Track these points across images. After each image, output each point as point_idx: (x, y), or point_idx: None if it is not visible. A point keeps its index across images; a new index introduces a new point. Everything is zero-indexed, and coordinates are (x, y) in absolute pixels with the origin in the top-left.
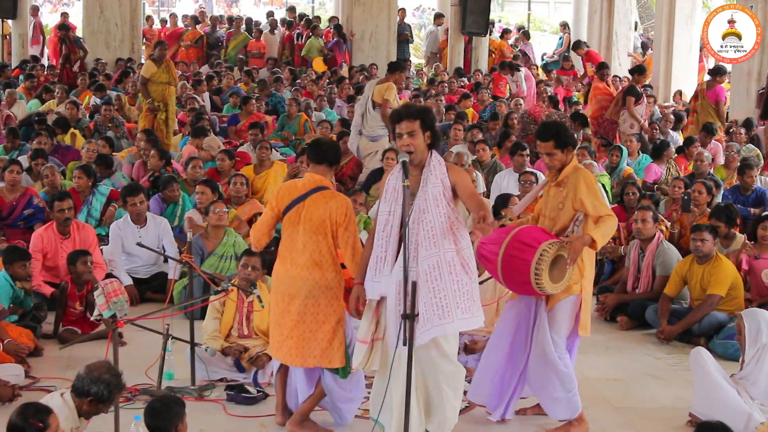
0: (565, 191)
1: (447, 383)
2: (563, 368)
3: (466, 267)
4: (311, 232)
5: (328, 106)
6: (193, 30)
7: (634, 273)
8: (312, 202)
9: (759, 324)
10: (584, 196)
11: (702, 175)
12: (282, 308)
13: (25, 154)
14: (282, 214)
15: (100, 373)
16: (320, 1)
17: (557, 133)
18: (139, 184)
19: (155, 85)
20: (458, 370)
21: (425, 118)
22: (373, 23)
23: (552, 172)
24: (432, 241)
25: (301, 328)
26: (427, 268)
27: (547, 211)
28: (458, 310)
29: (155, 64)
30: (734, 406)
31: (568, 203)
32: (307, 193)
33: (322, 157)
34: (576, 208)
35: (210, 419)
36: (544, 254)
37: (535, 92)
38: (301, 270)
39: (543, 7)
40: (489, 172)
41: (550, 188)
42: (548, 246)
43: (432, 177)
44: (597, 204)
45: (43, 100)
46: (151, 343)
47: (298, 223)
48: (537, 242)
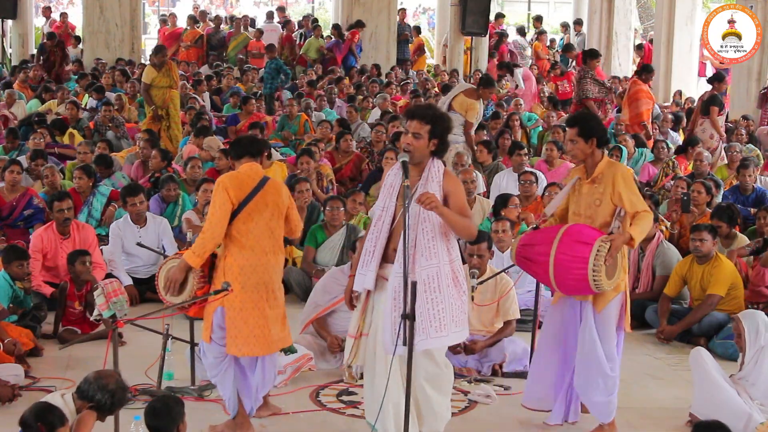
0: (602, 187)
1: (430, 384)
2: (610, 372)
3: (457, 280)
4: (277, 218)
5: (328, 105)
6: (193, 30)
7: (634, 273)
8: (271, 189)
9: (757, 326)
10: (622, 190)
11: (702, 175)
12: (258, 298)
13: (24, 154)
14: (240, 206)
15: (108, 382)
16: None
17: (584, 121)
18: (139, 184)
19: (157, 89)
20: (442, 371)
21: (437, 126)
22: (373, 23)
23: (579, 168)
24: (432, 251)
25: (278, 312)
26: (426, 278)
27: (582, 209)
28: (453, 323)
29: (155, 69)
30: (734, 407)
31: (606, 199)
32: (263, 181)
33: (244, 151)
34: (615, 203)
35: (210, 419)
36: (601, 250)
37: (535, 91)
38: (270, 256)
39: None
40: (490, 174)
41: (582, 185)
42: (602, 242)
43: (432, 183)
44: (634, 199)
45: (43, 100)
46: (151, 343)
47: (264, 210)
48: (591, 239)
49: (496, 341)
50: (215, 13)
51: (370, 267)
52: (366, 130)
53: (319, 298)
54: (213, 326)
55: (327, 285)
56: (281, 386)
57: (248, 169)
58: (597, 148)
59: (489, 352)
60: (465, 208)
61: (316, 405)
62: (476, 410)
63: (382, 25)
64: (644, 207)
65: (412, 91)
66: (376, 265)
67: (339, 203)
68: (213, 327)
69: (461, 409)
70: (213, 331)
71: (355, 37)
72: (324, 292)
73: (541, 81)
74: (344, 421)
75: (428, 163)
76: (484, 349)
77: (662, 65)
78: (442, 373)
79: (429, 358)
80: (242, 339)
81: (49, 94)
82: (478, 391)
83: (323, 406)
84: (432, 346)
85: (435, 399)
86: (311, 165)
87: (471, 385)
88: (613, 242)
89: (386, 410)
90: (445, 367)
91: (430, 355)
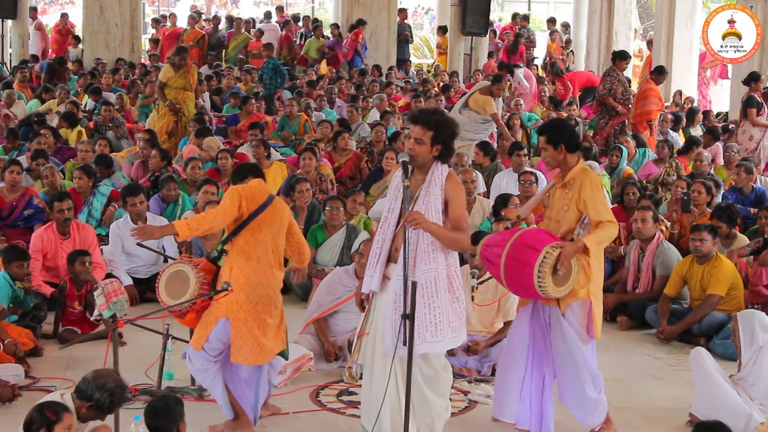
0: (571, 193)
1: (426, 385)
2: (595, 369)
3: (452, 285)
4: (282, 234)
5: (328, 105)
6: (194, 30)
7: (634, 273)
8: (279, 205)
9: (753, 326)
10: (588, 198)
11: (702, 175)
12: (262, 309)
13: (24, 154)
14: (251, 216)
15: (106, 381)
16: (320, 1)
17: (551, 128)
18: (139, 184)
19: (170, 89)
20: (438, 374)
21: (440, 132)
22: (373, 23)
23: (558, 173)
24: (431, 256)
25: (276, 322)
26: (425, 282)
27: (553, 213)
28: (449, 329)
29: (173, 68)
30: (734, 407)
31: (573, 205)
32: (271, 198)
33: (248, 174)
34: (579, 210)
35: (210, 419)
36: (547, 257)
37: (536, 91)
38: (275, 270)
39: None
40: (489, 175)
41: (556, 190)
42: (551, 249)
43: (434, 187)
44: (600, 208)
45: (43, 100)
46: (151, 343)
47: (272, 224)
48: (541, 245)
49: (496, 341)
50: (216, 14)
51: (377, 269)
52: (366, 130)
53: (323, 298)
54: (210, 337)
55: (331, 285)
56: (281, 386)
57: (258, 183)
58: (568, 153)
59: (489, 352)
60: (462, 217)
61: (316, 405)
62: (476, 410)
63: (382, 25)
64: (609, 217)
65: (412, 90)
66: (381, 266)
67: (339, 203)
68: (210, 338)
69: (461, 409)
70: (208, 341)
71: (359, 36)
72: (328, 292)
73: (543, 81)
74: (344, 421)
75: (432, 166)
76: (484, 349)
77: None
78: (439, 376)
79: (426, 361)
80: (248, 349)
81: (49, 94)
82: (478, 391)
83: (323, 406)
84: (427, 350)
85: (433, 400)
86: (313, 162)
87: (471, 385)
88: (563, 249)
89: (384, 412)
90: (443, 370)
91: (427, 358)
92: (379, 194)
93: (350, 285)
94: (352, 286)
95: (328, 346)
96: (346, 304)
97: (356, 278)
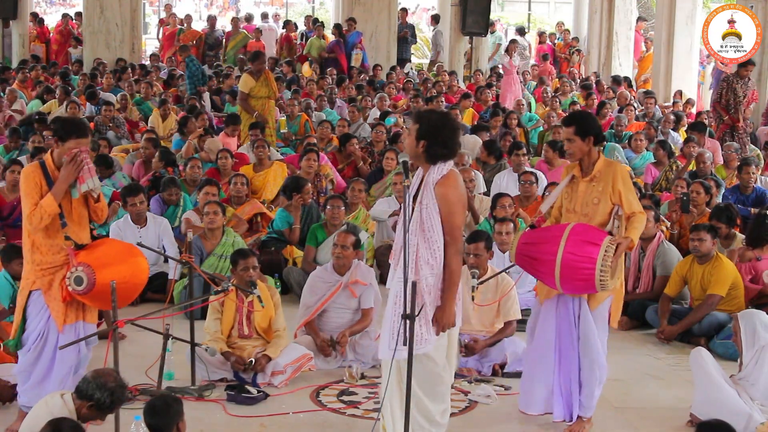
0: (601, 185)
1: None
2: (604, 362)
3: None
4: None
5: (328, 105)
6: (192, 30)
7: (634, 273)
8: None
9: (754, 325)
10: (622, 189)
11: (705, 175)
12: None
13: (25, 154)
14: None
15: (106, 381)
16: (320, 1)
17: (581, 120)
18: (139, 184)
19: (255, 100)
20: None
21: (423, 126)
22: (373, 23)
23: (574, 166)
24: (430, 262)
25: None
26: (425, 287)
27: (578, 206)
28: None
29: (252, 77)
30: (734, 407)
31: (605, 197)
32: None
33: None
34: (613, 202)
35: (210, 419)
36: (608, 250)
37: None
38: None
39: (543, 7)
40: (493, 173)
41: (578, 183)
42: (610, 243)
43: (429, 191)
44: (632, 199)
45: (44, 100)
46: (151, 343)
47: None
48: (599, 239)
49: (496, 341)
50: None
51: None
52: (367, 130)
53: (308, 299)
54: None
55: (313, 286)
56: (281, 386)
57: None
58: (593, 146)
59: (489, 352)
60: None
61: (316, 405)
62: (476, 410)
63: (382, 25)
64: (640, 208)
65: (413, 90)
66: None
67: (339, 202)
68: None
69: (461, 409)
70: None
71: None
72: (311, 293)
73: (545, 81)
74: (344, 421)
75: (431, 167)
76: (484, 349)
77: (662, 65)
78: (430, 375)
79: (417, 359)
80: None
81: (50, 95)
82: (478, 391)
83: (323, 406)
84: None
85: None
86: (316, 165)
87: (471, 385)
88: (620, 244)
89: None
90: (442, 371)
91: (418, 356)
92: (380, 194)
93: (330, 280)
94: (332, 281)
95: (321, 341)
96: (332, 300)
97: (335, 272)
